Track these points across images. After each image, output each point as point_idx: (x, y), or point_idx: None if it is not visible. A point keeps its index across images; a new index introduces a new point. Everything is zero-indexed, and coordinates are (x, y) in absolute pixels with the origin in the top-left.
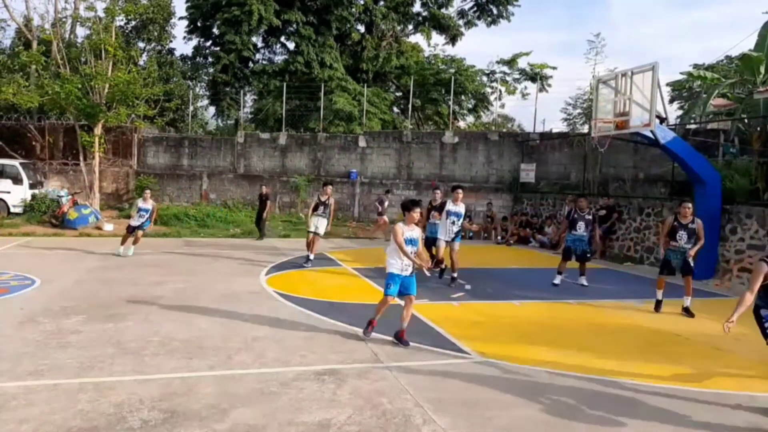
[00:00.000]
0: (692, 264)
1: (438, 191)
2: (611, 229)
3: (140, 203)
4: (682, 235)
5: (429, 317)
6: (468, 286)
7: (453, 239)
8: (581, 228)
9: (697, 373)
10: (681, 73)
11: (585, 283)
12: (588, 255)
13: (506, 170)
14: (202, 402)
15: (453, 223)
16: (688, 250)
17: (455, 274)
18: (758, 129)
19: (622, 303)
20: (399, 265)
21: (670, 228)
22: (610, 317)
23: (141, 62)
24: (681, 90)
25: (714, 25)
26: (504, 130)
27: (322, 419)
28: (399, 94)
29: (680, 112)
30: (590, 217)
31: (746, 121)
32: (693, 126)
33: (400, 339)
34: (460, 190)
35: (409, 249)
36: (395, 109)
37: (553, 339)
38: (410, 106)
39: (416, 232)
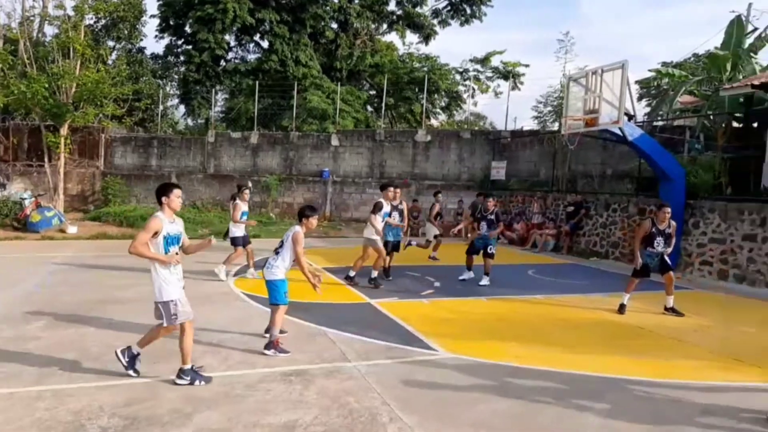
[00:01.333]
0: (668, 260)
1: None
2: (579, 225)
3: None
4: (659, 242)
5: (398, 315)
6: (437, 284)
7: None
8: (483, 227)
9: (660, 364)
10: (649, 71)
11: (486, 283)
12: (490, 252)
13: (478, 168)
14: (166, 407)
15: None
16: (665, 252)
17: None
18: (723, 125)
19: (588, 297)
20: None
21: (647, 234)
22: (576, 312)
23: (110, 61)
24: (649, 88)
25: (682, 23)
26: (476, 128)
27: (288, 420)
28: (373, 92)
29: (648, 110)
30: (492, 217)
31: (712, 117)
32: (660, 123)
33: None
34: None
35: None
36: (369, 108)
37: (520, 334)
38: (384, 104)
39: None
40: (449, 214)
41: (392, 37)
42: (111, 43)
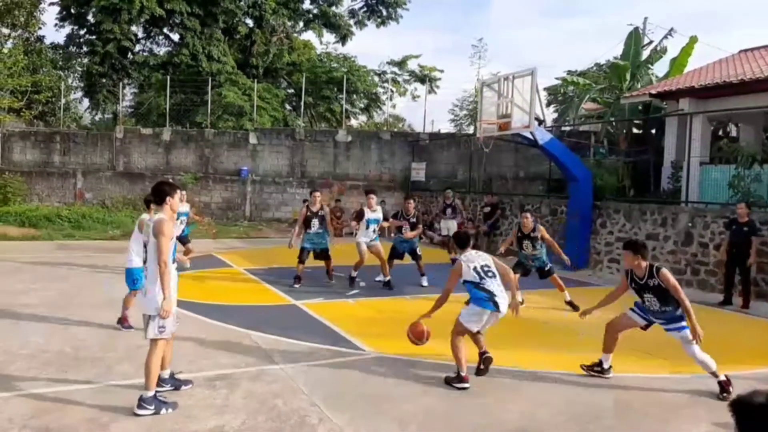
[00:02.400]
0: (546, 268)
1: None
2: (495, 225)
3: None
4: (527, 245)
5: (324, 316)
6: (363, 283)
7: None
8: (406, 229)
9: (574, 357)
10: (556, 78)
11: (425, 284)
12: (419, 253)
13: (398, 169)
14: (80, 416)
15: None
16: (543, 258)
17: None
18: (624, 131)
19: (531, 292)
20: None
21: (515, 238)
22: None
23: (5, 50)
24: (556, 94)
25: (584, 33)
26: (395, 129)
27: (215, 426)
28: (291, 91)
29: (556, 115)
30: (414, 220)
31: (614, 124)
32: (567, 128)
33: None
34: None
35: None
36: (287, 107)
37: (444, 332)
38: (302, 103)
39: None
40: None
41: (309, 36)
42: (6, 31)
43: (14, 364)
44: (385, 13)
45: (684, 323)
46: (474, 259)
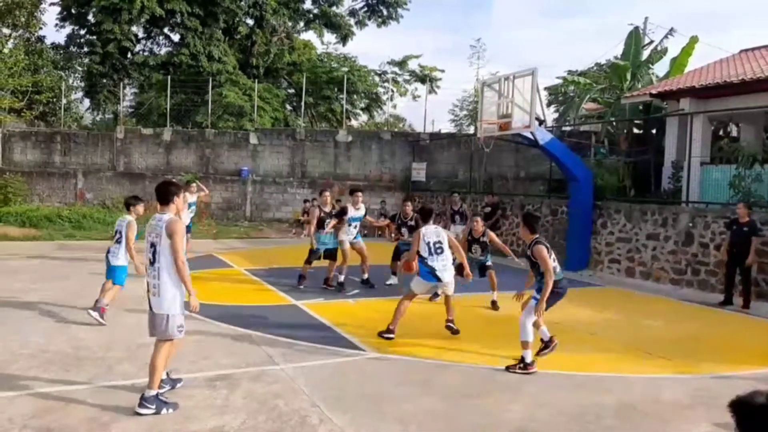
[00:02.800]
0: (486, 263)
1: (408, 204)
2: (495, 225)
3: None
4: (476, 249)
5: (325, 316)
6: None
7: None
8: (405, 234)
9: (576, 357)
10: (557, 78)
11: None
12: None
13: (399, 169)
14: (81, 416)
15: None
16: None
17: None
18: (625, 131)
19: (506, 294)
20: None
21: (466, 241)
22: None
23: (6, 50)
24: (557, 94)
25: (585, 33)
26: (396, 129)
27: (215, 426)
28: (291, 91)
29: (556, 115)
30: (412, 223)
31: (615, 124)
32: (568, 128)
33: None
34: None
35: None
36: (288, 107)
37: (444, 332)
38: (303, 103)
39: None
40: (373, 214)
41: (310, 36)
42: (6, 31)
43: (15, 364)
44: (385, 13)
45: (538, 296)
46: (430, 235)
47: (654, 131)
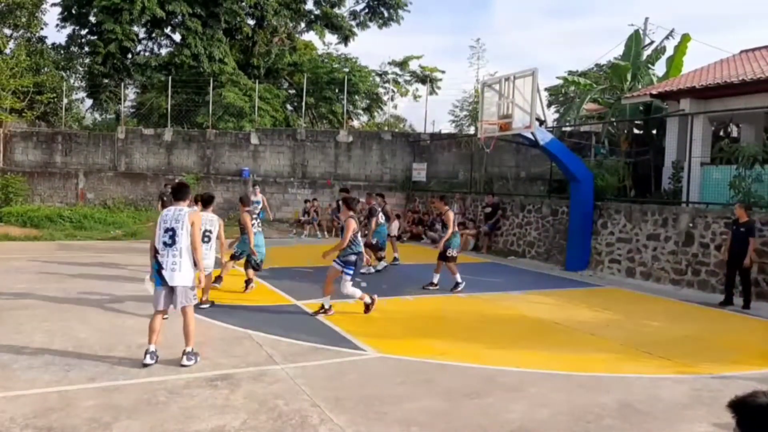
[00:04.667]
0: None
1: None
2: (496, 225)
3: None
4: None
5: (325, 316)
6: (364, 284)
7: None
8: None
9: (576, 358)
10: (557, 78)
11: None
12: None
13: (399, 169)
14: (82, 416)
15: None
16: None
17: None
18: (625, 132)
19: (507, 295)
20: None
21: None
22: (496, 309)
23: (8, 50)
24: (557, 95)
25: (585, 34)
26: (396, 130)
27: (216, 426)
28: (292, 91)
29: (557, 115)
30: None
31: (615, 124)
32: (568, 128)
33: None
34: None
35: None
36: (288, 107)
37: (444, 332)
38: (304, 103)
39: None
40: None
41: (311, 37)
42: (8, 32)
43: (16, 363)
44: (386, 14)
45: (351, 271)
46: None
47: (654, 132)
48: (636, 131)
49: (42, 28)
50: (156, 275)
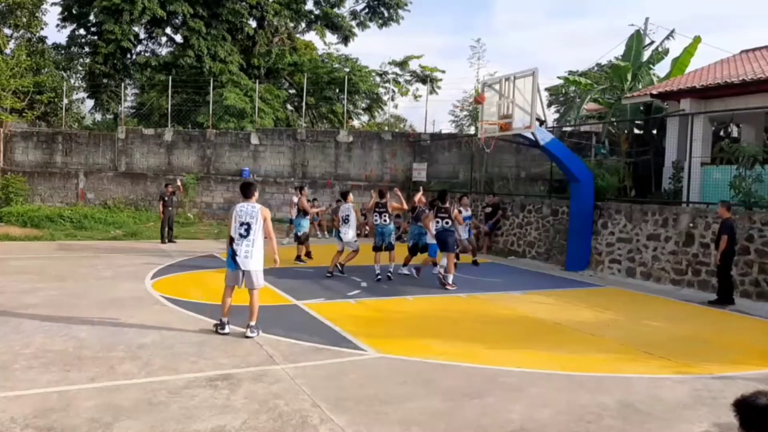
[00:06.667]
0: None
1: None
2: (497, 225)
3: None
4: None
5: (326, 316)
6: (364, 284)
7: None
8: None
9: (577, 358)
10: (558, 78)
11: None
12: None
13: (399, 169)
14: (83, 416)
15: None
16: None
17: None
18: (626, 132)
19: (507, 295)
20: None
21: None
22: (497, 309)
23: (8, 50)
24: (558, 95)
25: (586, 34)
26: (397, 130)
27: (216, 426)
28: (293, 91)
29: (557, 115)
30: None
31: (615, 124)
32: (568, 128)
33: None
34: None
35: None
36: (289, 107)
37: (445, 331)
38: (304, 103)
39: None
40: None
41: (311, 37)
42: (8, 32)
43: (17, 363)
44: (386, 14)
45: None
46: None
47: (655, 132)
48: (636, 131)
49: (42, 28)
50: (231, 260)
